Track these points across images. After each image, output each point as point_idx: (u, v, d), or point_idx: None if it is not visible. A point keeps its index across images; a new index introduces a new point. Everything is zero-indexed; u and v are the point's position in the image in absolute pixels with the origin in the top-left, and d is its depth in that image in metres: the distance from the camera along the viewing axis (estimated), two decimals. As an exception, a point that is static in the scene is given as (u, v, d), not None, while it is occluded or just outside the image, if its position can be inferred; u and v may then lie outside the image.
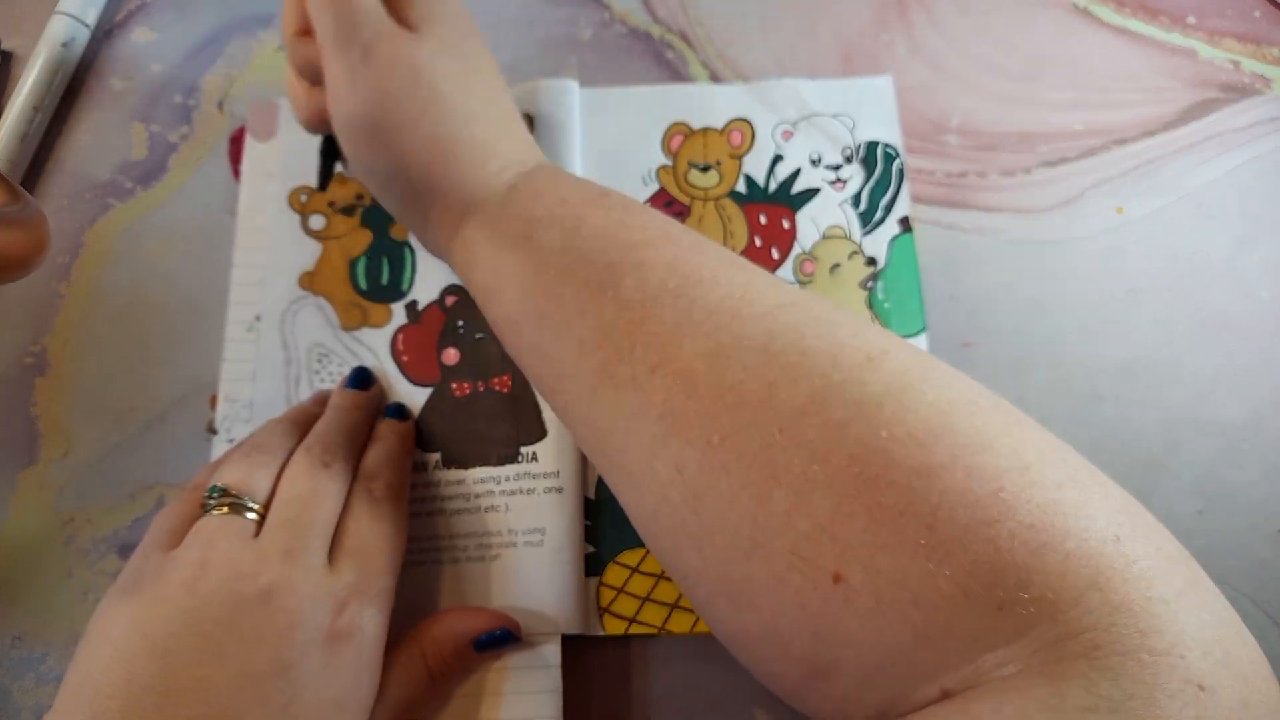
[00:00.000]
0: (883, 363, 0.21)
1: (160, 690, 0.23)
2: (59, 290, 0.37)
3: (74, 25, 0.40)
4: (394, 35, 0.27)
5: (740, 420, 0.22)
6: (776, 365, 0.22)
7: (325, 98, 0.29)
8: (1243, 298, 0.36)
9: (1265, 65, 0.39)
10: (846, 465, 0.20)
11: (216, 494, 0.27)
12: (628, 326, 0.24)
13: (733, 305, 0.23)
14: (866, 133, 0.38)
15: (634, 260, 0.25)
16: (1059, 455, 0.20)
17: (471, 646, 0.30)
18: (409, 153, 0.28)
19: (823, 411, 0.21)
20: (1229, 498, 0.34)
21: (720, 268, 0.25)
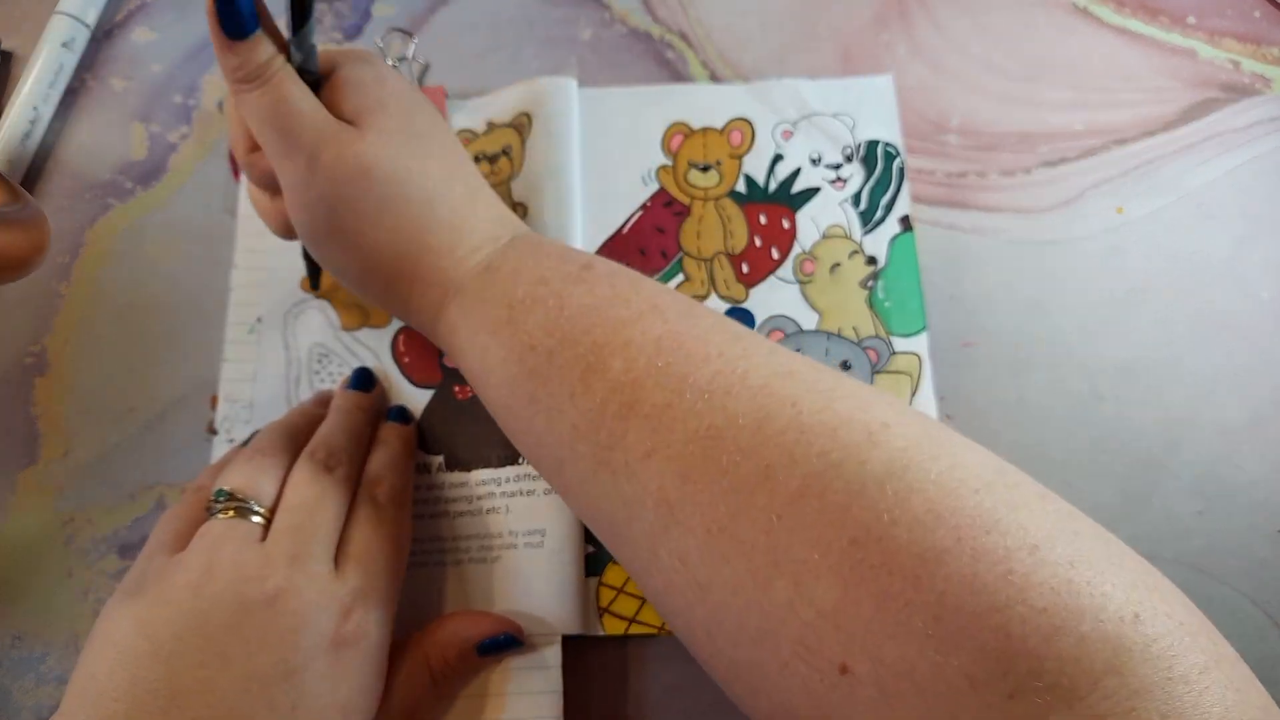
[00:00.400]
0: (884, 439, 0.20)
1: (165, 693, 0.23)
2: (59, 290, 0.37)
3: (74, 25, 0.40)
4: (336, 136, 0.27)
5: (737, 506, 0.21)
6: (772, 445, 0.21)
7: None
8: (1243, 298, 0.36)
9: (1265, 65, 0.39)
10: (848, 551, 0.19)
11: (222, 498, 0.27)
12: (619, 410, 0.23)
13: (725, 382, 0.22)
14: (867, 132, 0.38)
15: (621, 339, 0.24)
16: (1070, 528, 0.19)
17: (475, 651, 0.30)
18: (375, 250, 0.28)
19: (822, 494, 0.20)
20: (1229, 498, 0.34)
21: (712, 339, 0.24)
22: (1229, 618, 0.32)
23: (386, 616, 0.28)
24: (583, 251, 0.28)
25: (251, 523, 0.27)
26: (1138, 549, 0.33)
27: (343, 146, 0.27)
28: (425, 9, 0.41)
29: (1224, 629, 0.32)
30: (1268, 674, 0.32)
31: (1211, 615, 0.32)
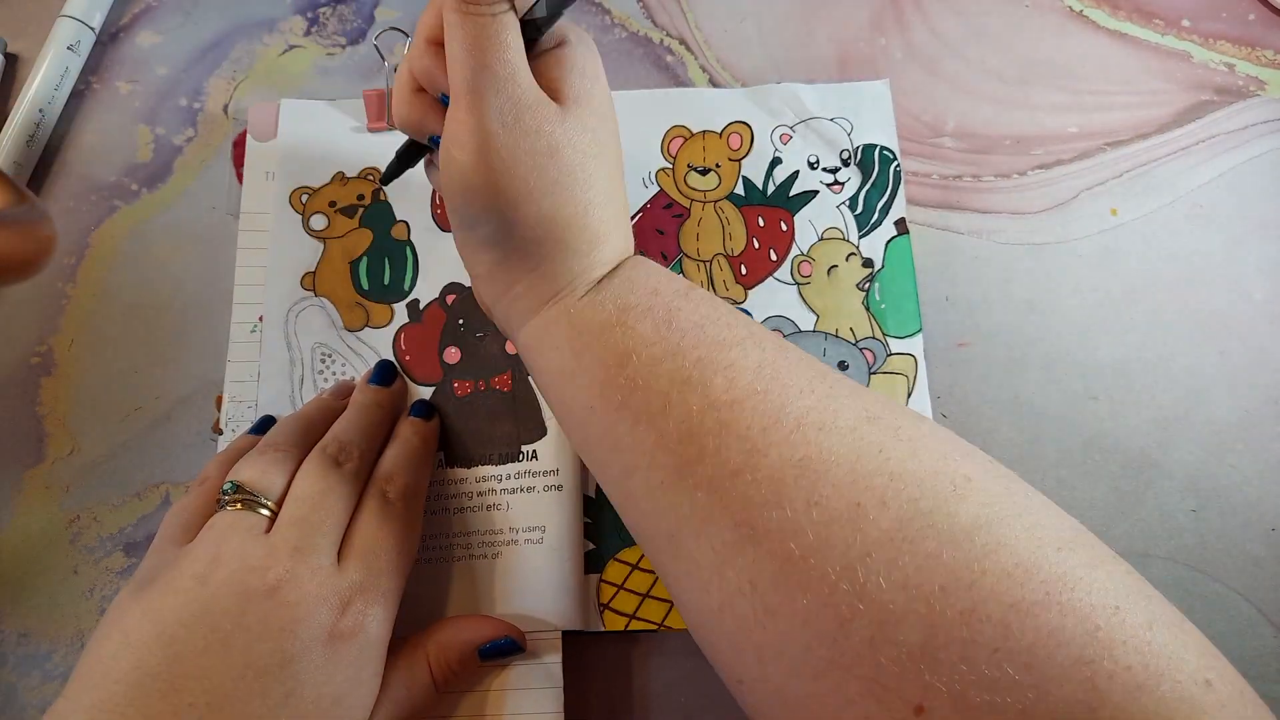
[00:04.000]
0: (969, 492, 0.21)
1: (166, 677, 0.24)
2: (65, 291, 0.37)
3: (79, 28, 0.40)
4: (541, 105, 0.26)
5: (825, 536, 0.21)
6: (863, 485, 0.21)
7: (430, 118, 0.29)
8: (1236, 298, 0.36)
9: (1259, 68, 0.40)
10: (938, 596, 0.20)
11: (231, 490, 0.28)
12: (714, 426, 0.23)
13: (819, 417, 0.23)
14: (864, 136, 0.39)
15: (725, 360, 0.25)
16: (1142, 592, 0.20)
17: (477, 654, 0.30)
18: (520, 225, 0.27)
19: (912, 539, 0.20)
20: (1223, 496, 0.34)
21: (804, 373, 0.24)
22: (1222, 615, 0.33)
23: (387, 613, 0.28)
24: (680, 276, 0.28)
25: (259, 515, 0.27)
26: (1132, 547, 0.34)
27: (541, 120, 0.26)
28: (427, 13, 0.42)
29: (1217, 626, 0.33)
30: (1262, 670, 0.32)
31: (1205, 612, 0.33)
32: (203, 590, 0.25)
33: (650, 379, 0.25)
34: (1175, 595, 0.33)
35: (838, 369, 0.35)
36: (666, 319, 0.26)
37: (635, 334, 0.26)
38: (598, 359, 0.26)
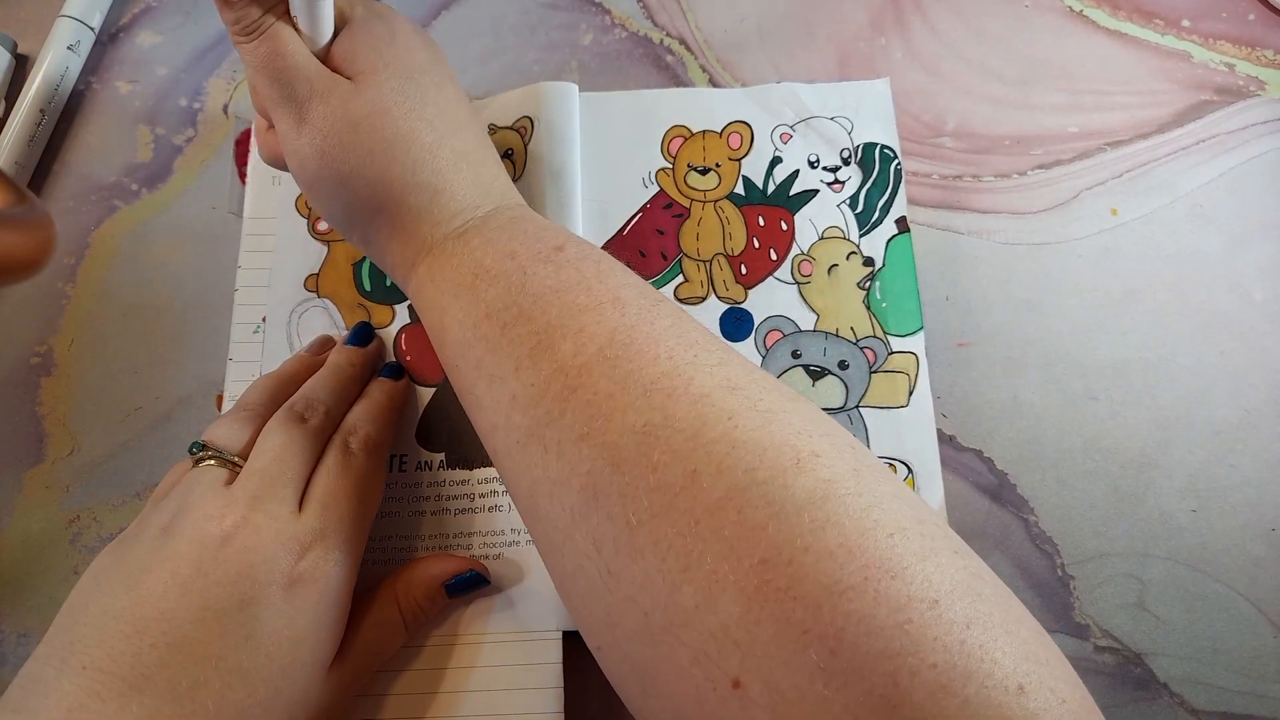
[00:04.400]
0: (812, 467, 0.21)
1: (129, 619, 0.25)
2: (65, 291, 0.37)
3: (79, 28, 0.40)
4: (329, 91, 0.28)
5: (659, 504, 0.21)
6: (702, 453, 0.21)
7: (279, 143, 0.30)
8: (1236, 298, 0.36)
9: (1260, 68, 0.40)
10: (757, 569, 0.19)
11: (198, 448, 0.29)
12: (560, 391, 0.24)
13: (669, 384, 0.23)
14: (864, 134, 0.39)
15: (575, 325, 0.25)
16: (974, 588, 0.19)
17: (443, 589, 0.31)
18: (355, 201, 0.29)
19: (742, 509, 0.20)
20: (1222, 496, 0.34)
21: (665, 340, 0.24)
22: (1223, 615, 0.33)
23: (349, 558, 0.28)
24: (560, 230, 0.29)
25: (224, 470, 0.28)
26: (1132, 547, 0.34)
27: (333, 102, 0.28)
28: (428, 14, 0.42)
29: (1217, 626, 0.33)
30: (1262, 670, 0.32)
31: (1205, 612, 0.33)
32: (166, 539, 0.26)
33: (500, 342, 0.26)
34: (1175, 595, 0.33)
35: (837, 367, 0.35)
36: (520, 283, 0.26)
37: (486, 298, 0.26)
38: (456, 320, 0.27)
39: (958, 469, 0.35)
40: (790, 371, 0.36)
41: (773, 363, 0.36)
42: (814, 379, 0.35)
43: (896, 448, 0.34)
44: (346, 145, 0.28)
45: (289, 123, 0.28)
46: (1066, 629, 0.33)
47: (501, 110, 0.39)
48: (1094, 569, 0.33)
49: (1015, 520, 0.34)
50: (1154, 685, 0.32)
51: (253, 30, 0.28)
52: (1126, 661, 0.32)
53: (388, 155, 0.28)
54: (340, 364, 0.34)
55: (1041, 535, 0.34)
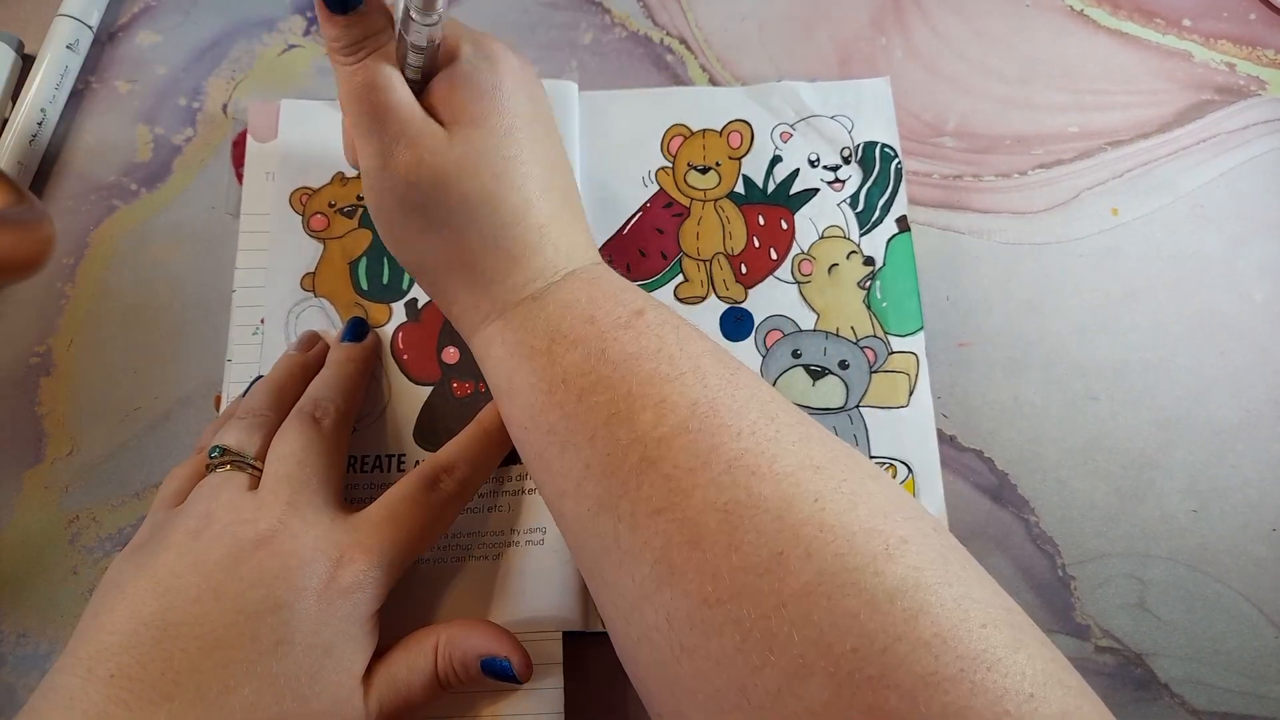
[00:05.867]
0: (902, 555, 0.20)
1: (159, 625, 0.24)
2: (64, 291, 0.37)
3: (78, 27, 0.40)
4: (420, 137, 0.26)
5: (741, 584, 0.21)
6: (790, 535, 0.21)
7: None
8: (1237, 299, 0.36)
9: (1260, 68, 0.40)
10: (849, 657, 0.19)
11: (218, 453, 0.29)
12: (638, 463, 0.23)
13: (753, 461, 0.22)
14: (865, 133, 0.38)
15: (656, 395, 0.24)
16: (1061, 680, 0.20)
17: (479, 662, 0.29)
18: (431, 254, 0.28)
19: (831, 595, 0.20)
20: (1223, 497, 0.34)
21: (748, 413, 0.24)
22: (1223, 615, 0.33)
23: (385, 574, 0.27)
24: (638, 292, 0.28)
25: (247, 474, 0.28)
26: (1132, 548, 0.34)
27: (422, 151, 0.26)
28: None
29: (1218, 626, 0.33)
30: (1263, 670, 0.32)
31: (1206, 613, 0.33)
32: (195, 544, 0.26)
33: (577, 409, 0.25)
34: (1176, 596, 0.33)
35: (838, 367, 0.35)
36: (600, 349, 0.25)
37: (563, 363, 0.25)
38: (528, 384, 0.26)
39: (958, 469, 0.35)
40: (790, 371, 0.35)
41: (773, 362, 0.36)
42: (814, 379, 0.35)
43: (896, 448, 0.34)
44: (429, 199, 0.27)
45: (373, 159, 0.27)
46: (1067, 629, 0.33)
47: (501, 110, 0.39)
48: (1095, 569, 0.33)
49: (1016, 520, 0.34)
50: (1155, 686, 0.32)
51: (353, 52, 0.26)
52: (1127, 662, 0.32)
53: (469, 217, 0.27)
54: (342, 361, 0.34)
55: (1042, 535, 0.34)
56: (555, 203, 0.29)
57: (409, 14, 0.25)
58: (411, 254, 0.29)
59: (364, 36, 0.27)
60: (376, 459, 0.34)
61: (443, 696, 0.29)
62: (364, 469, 0.34)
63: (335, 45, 0.27)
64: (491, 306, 0.28)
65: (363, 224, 0.38)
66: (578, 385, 0.25)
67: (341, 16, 0.26)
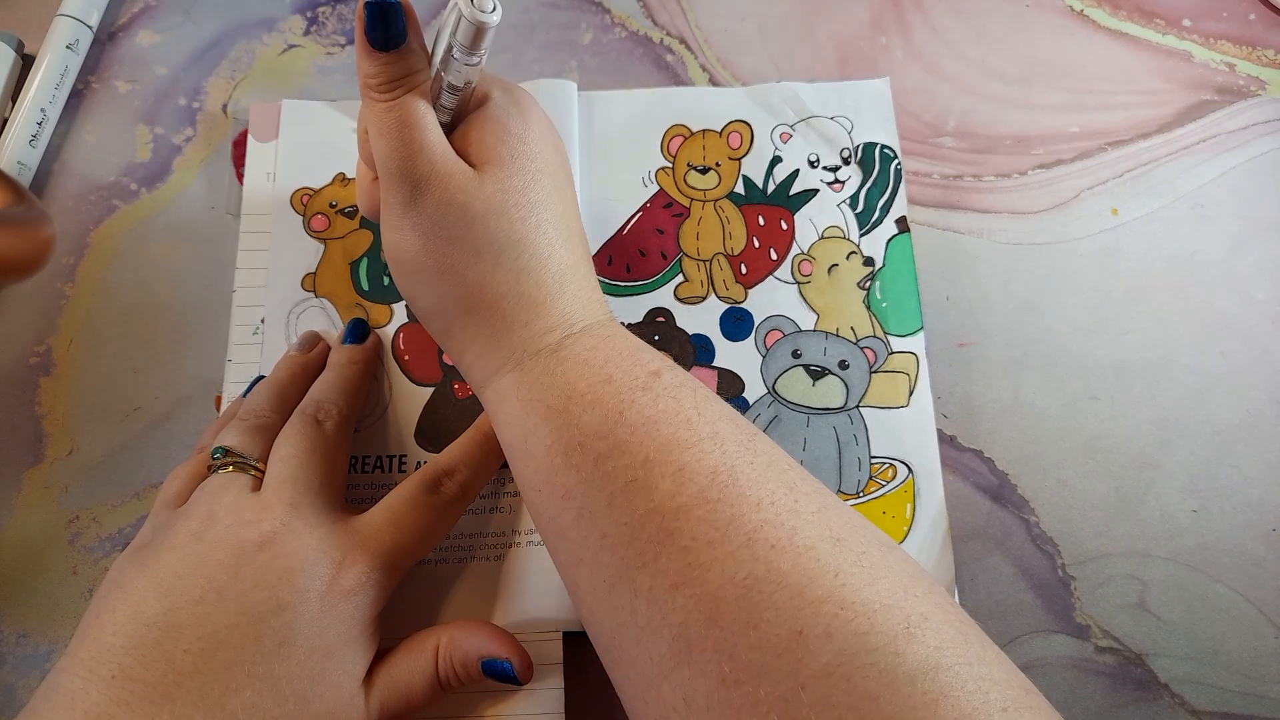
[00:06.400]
0: (922, 634, 0.20)
1: (161, 626, 0.24)
2: (64, 291, 0.37)
3: (77, 27, 0.40)
4: (451, 176, 0.26)
5: (760, 664, 0.20)
6: (809, 612, 0.20)
7: None
8: (1237, 298, 0.36)
9: (1260, 68, 0.40)
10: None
11: (220, 454, 0.29)
12: (656, 534, 0.23)
13: (772, 534, 0.22)
14: (864, 134, 0.38)
15: (675, 462, 0.23)
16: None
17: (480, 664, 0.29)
18: (450, 296, 0.27)
19: (852, 677, 0.19)
20: (1224, 497, 0.34)
21: (766, 483, 0.23)
22: (1223, 615, 0.33)
23: (386, 578, 0.28)
24: (653, 353, 0.27)
25: (248, 476, 0.28)
26: (1133, 548, 0.34)
27: (453, 190, 0.26)
28: (428, 13, 0.42)
29: (1218, 626, 0.33)
30: (1263, 671, 0.32)
31: (1206, 613, 0.33)
32: (198, 545, 0.26)
33: (594, 474, 0.24)
34: (1176, 596, 0.33)
35: (838, 367, 0.35)
36: (617, 412, 0.25)
37: (580, 425, 0.25)
38: (544, 444, 0.25)
39: (958, 469, 0.35)
40: (790, 371, 0.35)
41: (773, 362, 0.36)
42: (814, 379, 0.35)
43: (897, 448, 0.34)
44: (456, 239, 0.26)
45: (400, 198, 0.27)
46: (1067, 629, 0.33)
47: (501, 110, 0.39)
48: (1095, 569, 0.33)
49: (1016, 520, 0.34)
50: (1155, 686, 0.32)
51: (390, 90, 0.26)
52: (1127, 662, 0.32)
53: (495, 259, 0.27)
54: (343, 363, 0.34)
55: (1042, 535, 0.34)
56: (576, 253, 0.29)
57: (451, 53, 0.25)
58: (430, 295, 0.28)
59: (403, 75, 0.26)
60: (378, 459, 0.34)
61: (443, 697, 0.29)
62: (365, 469, 0.34)
63: (373, 82, 0.26)
64: (509, 354, 0.27)
65: (364, 225, 0.38)
66: (594, 449, 0.24)
67: (383, 54, 0.26)
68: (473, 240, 0.26)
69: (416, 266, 0.27)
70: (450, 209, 0.26)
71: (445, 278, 0.27)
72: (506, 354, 0.27)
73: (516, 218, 0.27)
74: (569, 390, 0.26)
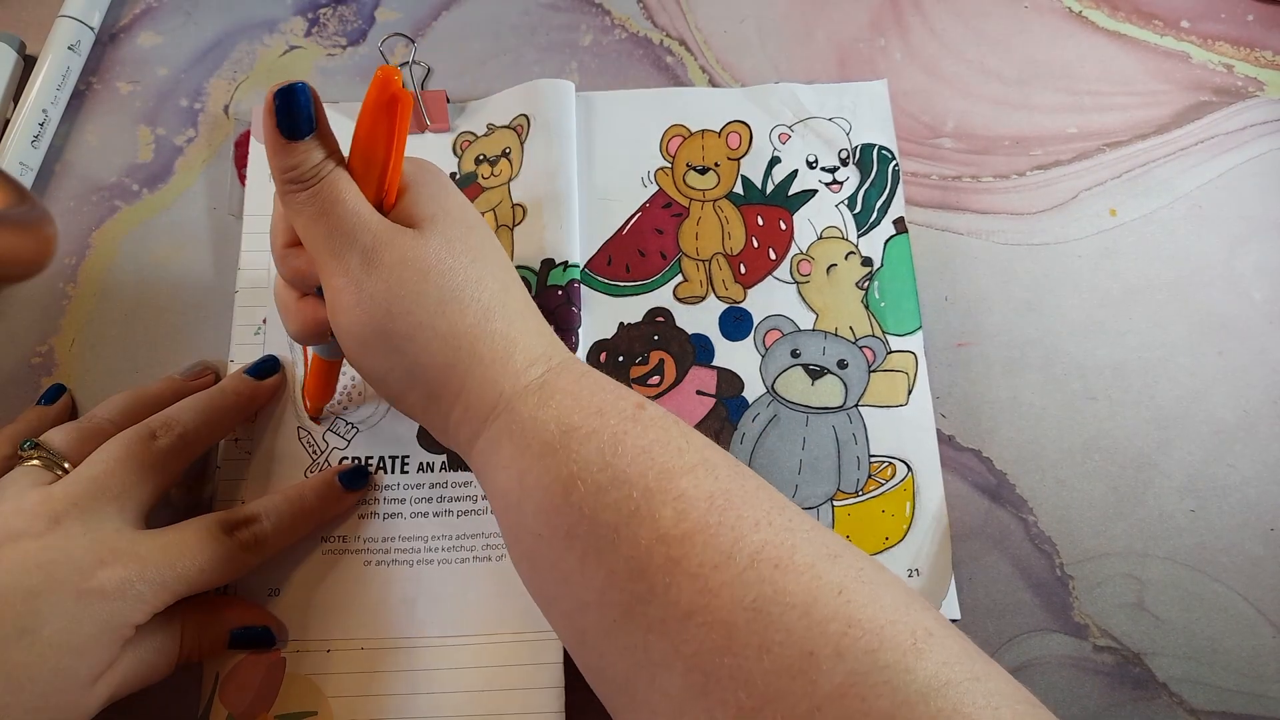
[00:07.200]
0: (929, 649, 0.20)
1: None
2: (66, 291, 0.37)
3: (79, 28, 0.40)
4: (394, 237, 0.27)
5: (776, 690, 0.20)
6: (818, 632, 0.20)
7: (319, 309, 0.29)
8: (1235, 298, 0.36)
9: (1258, 69, 0.40)
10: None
11: (28, 446, 0.29)
12: (663, 562, 0.22)
13: (774, 553, 0.22)
14: (862, 135, 0.39)
15: (674, 490, 0.23)
16: None
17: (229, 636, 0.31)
18: (425, 355, 0.27)
19: (866, 697, 0.20)
20: (1222, 496, 0.34)
21: (760, 503, 0.23)
22: (1222, 615, 0.33)
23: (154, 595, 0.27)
24: (628, 389, 0.27)
25: (52, 474, 0.28)
26: (1131, 547, 0.34)
27: (404, 248, 0.26)
28: (428, 14, 0.42)
29: (1217, 625, 0.33)
30: (1261, 670, 0.32)
31: (1205, 612, 0.33)
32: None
33: (596, 509, 0.24)
34: (1174, 595, 0.33)
35: (836, 366, 0.35)
36: (613, 443, 0.24)
37: (579, 458, 0.24)
38: (541, 484, 0.25)
39: (957, 469, 0.35)
40: (790, 370, 0.36)
41: (772, 361, 0.36)
42: (813, 378, 0.35)
43: (896, 447, 0.34)
44: (417, 294, 0.26)
45: (353, 274, 0.26)
46: (1065, 629, 0.33)
47: (499, 108, 0.39)
48: (1093, 569, 0.33)
49: (1014, 520, 0.34)
50: (1153, 685, 0.32)
51: (309, 179, 0.26)
52: (1125, 661, 0.32)
53: (459, 304, 0.27)
54: (222, 390, 0.33)
55: (1041, 535, 0.34)
56: (523, 291, 0.30)
57: None
58: (404, 362, 0.27)
59: (321, 159, 0.26)
60: (380, 460, 0.34)
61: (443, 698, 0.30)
62: (365, 468, 0.34)
63: (290, 175, 0.26)
64: (494, 400, 0.27)
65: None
66: (594, 481, 0.24)
67: (298, 144, 0.26)
68: (433, 292, 0.27)
69: (384, 336, 0.27)
70: (405, 268, 0.26)
71: (415, 339, 0.27)
72: (493, 398, 0.27)
73: (466, 261, 0.27)
74: (564, 424, 0.25)
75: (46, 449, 0.29)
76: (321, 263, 0.27)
